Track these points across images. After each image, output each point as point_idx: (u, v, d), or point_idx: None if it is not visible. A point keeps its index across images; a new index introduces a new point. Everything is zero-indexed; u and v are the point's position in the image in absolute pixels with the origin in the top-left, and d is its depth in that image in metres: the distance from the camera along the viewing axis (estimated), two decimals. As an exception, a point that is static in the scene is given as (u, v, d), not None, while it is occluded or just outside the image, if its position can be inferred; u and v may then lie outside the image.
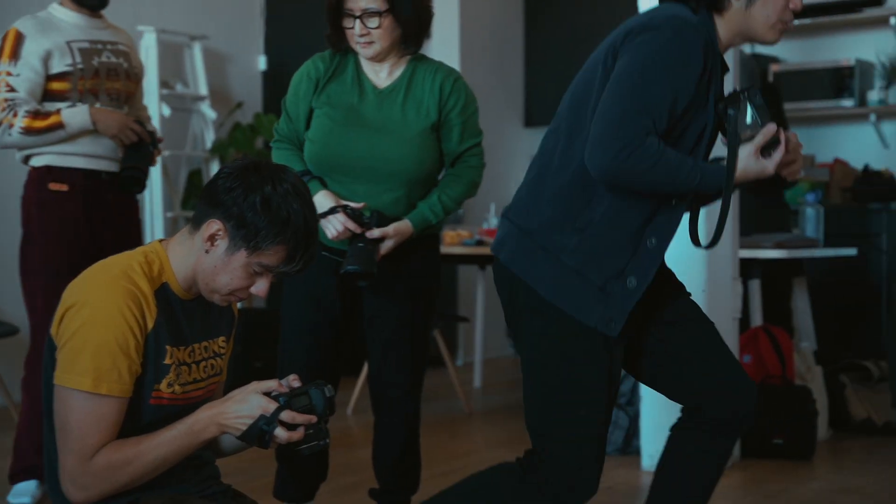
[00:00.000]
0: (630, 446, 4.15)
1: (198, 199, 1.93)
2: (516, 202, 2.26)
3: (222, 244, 1.74)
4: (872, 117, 6.64)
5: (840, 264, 5.71)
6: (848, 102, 6.52)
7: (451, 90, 2.88)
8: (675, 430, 2.25)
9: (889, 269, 6.06)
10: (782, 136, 1.96)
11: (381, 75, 2.89)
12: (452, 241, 5.39)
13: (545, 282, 2.12)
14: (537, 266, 2.13)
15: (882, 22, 6.56)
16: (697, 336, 2.28)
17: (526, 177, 2.31)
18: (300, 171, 2.87)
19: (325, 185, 2.74)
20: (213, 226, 1.72)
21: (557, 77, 6.80)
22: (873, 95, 6.50)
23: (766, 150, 1.97)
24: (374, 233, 2.65)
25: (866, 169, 6.35)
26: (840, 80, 6.64)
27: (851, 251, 5.10)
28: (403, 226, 2.77)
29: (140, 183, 3.52)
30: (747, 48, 6.19)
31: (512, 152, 7.40)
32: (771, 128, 1.95)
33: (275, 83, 6.06)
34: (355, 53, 2.86)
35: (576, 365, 2.13)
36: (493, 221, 5.82)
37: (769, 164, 1.96)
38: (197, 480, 1.91)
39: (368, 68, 2.89)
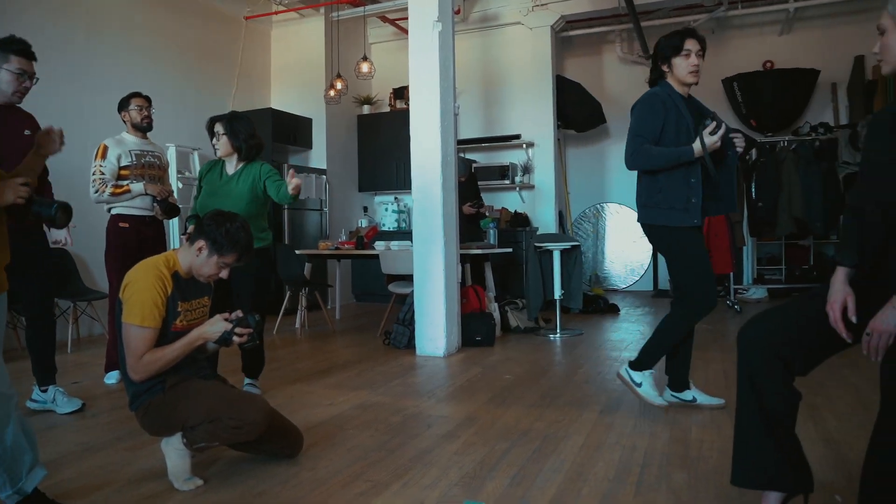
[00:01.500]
0: (411, 345, 4.99)
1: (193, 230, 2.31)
2: (638, 198, 3.02)
3: (205, 252, 2.16)
4: (517, 189, 8.56)
5: (505, 256, 7.00)
6: (507, 181, 8.45)
7: (260, 171, 3.59)
8: None
9: (525, 257, 7.05)
10: (723, 126, 2.74)
11: (230, 169, 3.61)
12: (324, 247, 6.57)
13: (666, 219, 2.88)
14: (661, 215, 2.89)
15: (519, 146, 8.58)
16: None
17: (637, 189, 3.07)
18: (192, 214, 3.53)
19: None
20: (201, 243, 2.17)
21: (374, 166, 8.99)
22: (517, 179, 8.49)
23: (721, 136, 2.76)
24: None
25: (515, 213, 8.29)
26: (503, 171, 8.43)
27: (509, 249, 6.50)
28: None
29: (175, 211, 4.05)
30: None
31: (351, 204, 9.21)
32: (718, 122, 2.77)
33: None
34: (222, 160, 3.63)
35: (690, 245, 2.88)
36: (344, 239, 7.03)
37: (715, 138, 2.77)
38: (195, 368, 2.27)
39: (227, 165, 3.61)
